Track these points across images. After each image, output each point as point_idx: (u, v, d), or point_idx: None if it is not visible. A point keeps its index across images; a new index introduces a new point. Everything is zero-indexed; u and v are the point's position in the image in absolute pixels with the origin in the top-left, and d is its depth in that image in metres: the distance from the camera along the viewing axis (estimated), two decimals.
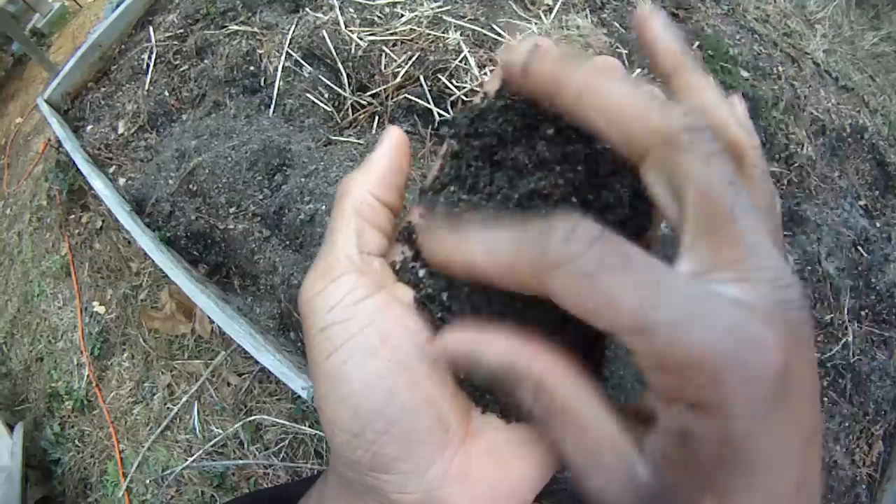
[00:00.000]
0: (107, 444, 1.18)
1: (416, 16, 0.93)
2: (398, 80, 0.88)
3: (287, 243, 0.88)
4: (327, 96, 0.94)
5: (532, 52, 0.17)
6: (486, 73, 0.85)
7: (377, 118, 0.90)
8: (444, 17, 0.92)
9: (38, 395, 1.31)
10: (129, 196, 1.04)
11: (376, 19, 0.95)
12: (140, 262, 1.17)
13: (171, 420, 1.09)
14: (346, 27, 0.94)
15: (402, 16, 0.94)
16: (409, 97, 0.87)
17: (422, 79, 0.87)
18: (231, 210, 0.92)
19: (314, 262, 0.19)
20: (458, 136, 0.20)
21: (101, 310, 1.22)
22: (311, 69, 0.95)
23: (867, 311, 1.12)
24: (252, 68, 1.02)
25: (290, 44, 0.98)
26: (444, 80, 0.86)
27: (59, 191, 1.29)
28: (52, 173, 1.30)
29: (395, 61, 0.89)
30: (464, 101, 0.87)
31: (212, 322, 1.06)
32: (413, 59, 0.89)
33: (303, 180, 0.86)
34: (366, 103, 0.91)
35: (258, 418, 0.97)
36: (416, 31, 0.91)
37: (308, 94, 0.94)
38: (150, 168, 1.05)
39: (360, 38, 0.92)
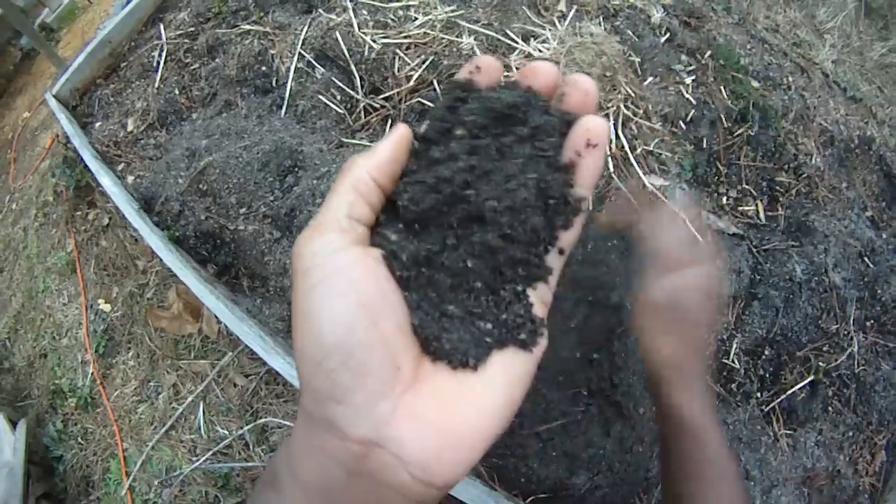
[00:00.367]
0: (110, 442, 1.18)
1: (430, 19, 0.93)
2: (411, 83, 0.88)
3: None
4: (340, 98, 0.94)
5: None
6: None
7: (390, 121, 0.90)
8: (458, 22, 0.92)
9: (41, 391, 1.31)
10: (138, 194, 1.04)
11: (390, 22, 0.95)
12: (147, 260, 1.17)
13: (176, 420, 1.09)
14: (360, 29, 0.94)
15: (416, 19, 0.94)
16: (423, 101, 0.87)
17: (435, 83, 0.87)
18: (241, 211, 0.92)
19: (311, 220, 0.23)
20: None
21: (107, 308, 1.21)
22: (323, 70, 0.95)
23: (872, 321, 1.12)
24: (264, 68, 1.02)
25: (302, 44, 0.97)
26: None
27: (66, 187, 1.29)
28: (58, 169, 1.29)
29: (409, 65, 0.89)
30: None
31: (219, 322, 1.06)
32: (426, 62, 0.89)
33: (315, 182, 0.86)
34: (378, 106, 0.91)
35: (265, 421, 0.97)
36: (429, 34, 0.91)
37: (320, 96, 0.94)
38: (160, 166, 1.04)
39: (374, 41, 0.92)
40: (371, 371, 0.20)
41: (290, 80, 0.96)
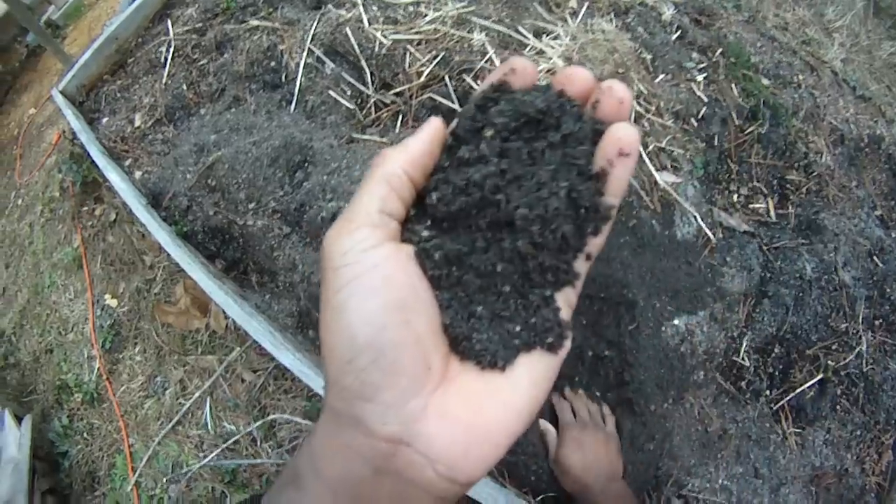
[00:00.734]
0: (116, 437, 1.18)
1: (441, 15, 0.92)
2: (422, 79, 0.88)
3: (308, 241, 0.87)
4: (350, 94, 0.93)
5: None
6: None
7: (401, 117, 0.89)
8: (469, 18, 0.92)
9: (46, 386, 1.31)
10: (146, 189, 1.03)
11: (400, 18, 0.94)
12: (154, 255, 1.17)
13: (183, 415, 1.09)
14: (370, 25, 0.93)
15: (426, 15, 0.93)
16: (434, 97, 0.87)
17: (446, 79, 0.87)
18: (251, 206, 0.92)
19: (341, 215, 0.22)
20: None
21: (114, 303, 1.21)
22: (333, 66, 0.95)
23: (881, 320, 1.12)
24: (273, 64, 1.01)
25: (312, 40, 0.97)
26: (468, 80, 0.86)
27: (73, 182, 1.29)
28: (65, 165, 1.29)
29: (420, 60, 0.89)
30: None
31: (227, 318, 1.06)
32: (437, 58, 0.88)
33: (325, 178, 0.86)
34: (389, 102, 0.91)
35: (274, 417, 0.96)
36: (440, 30, 0.91)
37: (330, 92, 0.94)
38: (168, 162, 1.04)
39: (384, 37, 0.91)
40: (402, 370, 0.20)
41: (299, 75, 0.96)
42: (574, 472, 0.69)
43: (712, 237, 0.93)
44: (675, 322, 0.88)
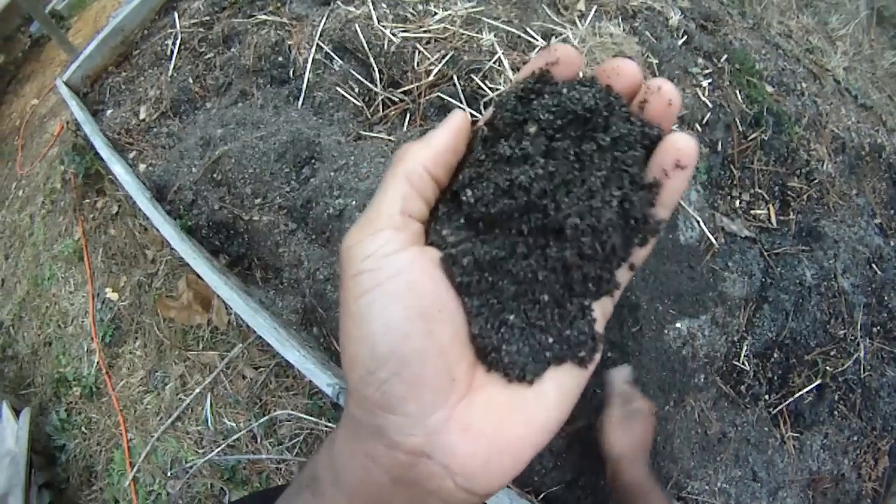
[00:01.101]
0: (114, 432, 1.17)
1: (450, 14, 0.93)
2: (431, 78, 0.88)
3: (313, 237, 0.87)
4: (358, 91, 0.93)
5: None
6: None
7: (408, 115, 0.89)
8: (479, 18, 0.92)
9: (44, 379, 1.30)
10: (150, 182, 1.03)
11: (409, 16, 0.95)
12: (156, 249, 1.16)
13: (183, 411, 1.09)
14: (379, 22, 0.93)
15: (436, 14, 0.93)
16: (442, 96, 0.87)
17: (455, 78, 0.87)
18: (256, 201, 0.92)
19: (360, 216, 0.21)
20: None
21: (114, 296, 1.20)
22: (341, 63, 0.95)
23: (879, 328, 1.13)
24: (280, 59, 1.01)
25: (320, 36, 0.97)
26: (477, 80, 0.86)
27: (75, 174, 1.28)
28: (67, 156, 1.28)
29: (429, 59, 0.89)
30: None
31: (229, 313, 1.06)
32: (446, 57, 0.88)
33: (332, 174, 0.86)
34: (397, 100, 0.91)
35: (275, 414, 0.96)
36: (449, 29, 0.91)
37: (338, 88, 0.94)
38: (173, 155, 1.04)
39: (393, 34, 0.92)
40: (426, 382, 0.19)
41: (307, 71, 0.96)
42: (620, 447, 0.71)
43: (714, 242, 0.94)
44: (678, 325, 0.89)
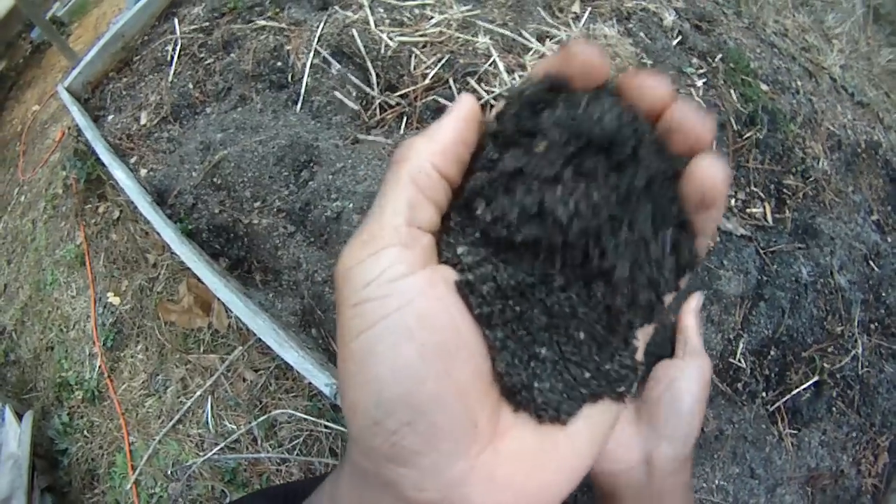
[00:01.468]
0: (116, 435, 1.18)
1: (446, 18, 0.94)
2: (427, 81, 0.89)
3: (312, 240, 0.88)
4: (355, 95, 0.94)
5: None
6: (514, 79, 0.86)
7: (405, 118, 0.90)
8: (474, 21, 0.93)
9: (46, 384, 1.31)
10: (151, 187, 1.04)
11: (406, 20, 0.96)
12: (158, 253, 1.17)
13: (184, 414, 1.09)
14: (376, 27, 0.94)
15: (432, 18, 0.94)
16: (438, 99, 0.88)
17: (451, 81, 0.88)
18: (256, 204, 0.92)
19: (358, 229, 0.18)
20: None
21: (116, 301, 1.21)
22: (339, 67, 0.96)
23: (877, 324, 1.14)
24: (279, 64, 1.02)
25: (318, 41, 0.98)
26: (473, 83, 0.87)
27: (77, 179, 1.29)
28: (69, 162, 1.30)
29: (425, 63, 0.90)
30: (492, 105, 0.87)
31: (229, 316, 1.06)
32: (442, 61, 0.89)
33: (330, 177, 0.86)
34: (394, 103, 0.92)
35: (277, 413, 0.97)
36: (445, 33, 0.92)
37: (336, 92, 0.95)
38: (173, 160, 1.05)
39: (390, 39, 0.92)
40: (443, 431, 0.16)
41: (305, 75, 0.97)
42: None
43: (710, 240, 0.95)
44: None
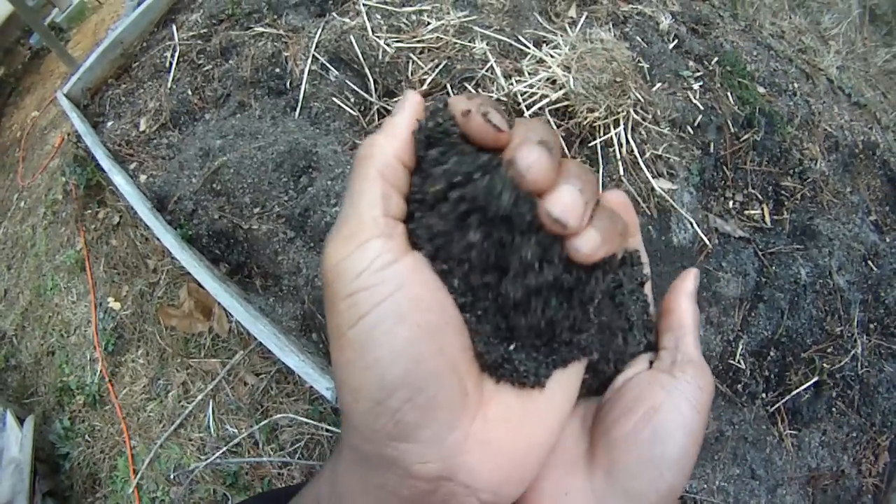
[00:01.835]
0: (118, 440, 1.18)
1: (443, 24, 0.94)
2: (425, 87, 0.89)
3: (311, 245, 0.89)
4: (353, 101, 0.95)
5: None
6: (511, 84, 0.87)
7: None
8: (471, 27, 0.93)
9: (48, 388, 1.31)
10: (151, 193, 1.04)
11: (403, 26, 0.96)
12: (158, 259, 1.17)
13: (185, 418, 1.10)
14: (374, 33, 0.95)
15: (429, 24, 0.95)
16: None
17: (448, 86, 0.88)
18: (255, 210, 0.93)
19: (335, 227, 0.19)
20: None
21: (117, 306, 1.22)
22: (337, 73, 0.96)
23: (876, 324, 1.14)
24: (277, 70, 1.03)
25: (316, 47, 0.99)
26: (470, 88, 0.88)
27: (76, 185, 1.30)
28: (68, 168, 1.30)
29: (422, 68, 0.90)
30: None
31: (230, 321, 1.07)
32: (440, 66, 0.90)
33: (329, 183, 0.87)
34: (392, 109, 0.92)
35: (278, 417, 0.97)
36: (442, 39, 0.93)
37: (334, 98, 0.95)
38: (173, 166, 1.05)
39: (387, 45, 0.93)
40: (441, 403, 0.18)
41: (304, 82, 0.97)
42: None
43: (708, 243, 0.95)
44: None
